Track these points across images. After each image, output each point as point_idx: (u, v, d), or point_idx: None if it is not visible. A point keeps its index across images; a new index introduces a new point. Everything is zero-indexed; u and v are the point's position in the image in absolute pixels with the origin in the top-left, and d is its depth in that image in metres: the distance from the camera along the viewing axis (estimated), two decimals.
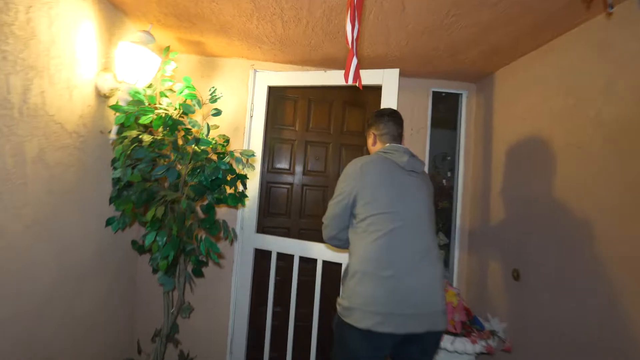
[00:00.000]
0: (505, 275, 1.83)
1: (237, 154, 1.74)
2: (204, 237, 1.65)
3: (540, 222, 1.63)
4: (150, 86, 1.76)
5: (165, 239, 1.44)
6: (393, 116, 1.46)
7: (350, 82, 1.15)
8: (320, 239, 2.00)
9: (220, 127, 2.12)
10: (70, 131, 1.40)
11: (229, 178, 1.75)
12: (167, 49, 1.73)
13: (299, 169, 2.30)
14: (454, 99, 2.36)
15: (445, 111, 2.42)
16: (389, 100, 1.90)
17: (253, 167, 1.73)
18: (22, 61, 1.14)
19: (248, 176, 2.03)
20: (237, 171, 1.71)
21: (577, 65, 1.49)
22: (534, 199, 1.68)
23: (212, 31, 1.76)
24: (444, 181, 2.34)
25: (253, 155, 1.71)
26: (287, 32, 1.72)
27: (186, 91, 1.65)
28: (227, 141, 1.85)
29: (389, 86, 1.91)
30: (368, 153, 2.42)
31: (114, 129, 1.58)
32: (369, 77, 1.92)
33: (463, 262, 2.26)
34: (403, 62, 2.00)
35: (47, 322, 1.34)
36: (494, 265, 1.95)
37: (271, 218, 2.30)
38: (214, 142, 1.80)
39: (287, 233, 2.29)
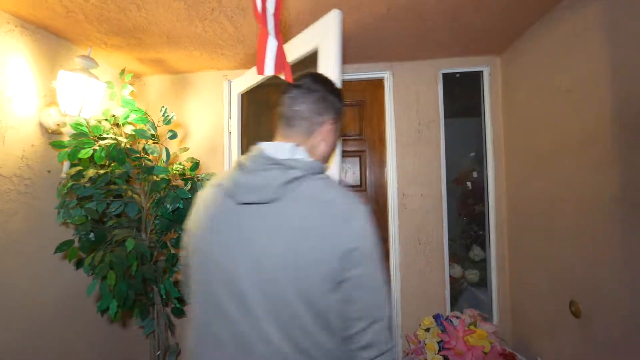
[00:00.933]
0: (560, 308, 1.33)
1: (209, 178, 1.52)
2: (164, 278, 1.44)
3: (611, 235, 1.12)
4: (113, 116, 1.62)
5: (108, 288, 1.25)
6: (291, 85, 0.75)
7: (268, 72, 0.84)
8: None
9: (197, 148, 1.94)
10: (8, 175, 1.29)
11: None
12: (123, 72, 1.58)
13: None
14: (474, 79, 1.89)
15: (463, 96, 1.95)
16: (328, 68, 1.11)
17: None
18: None
19: None
20: None
21: None
22: (603, 203, 1.18)
23: (162, 44, 1.57)
24: (468, 184, 1.87)
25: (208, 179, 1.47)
26: (239, 30, 1.45)
27: (133, 115, 1.47)
28: (197, 165, 1.64)
29: (328, 42, 1.12)
30: (371, 162, 1.96)
31: (64, 166, 1.45)
32: (299, 45, 1.26)
33: (504, 286, 1.76)
34: (394, 44, 1.62)
35: None
36: (544, 293, 1.44)
37: None
38: (179, 167, 1.60)
39: None
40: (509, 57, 1.72)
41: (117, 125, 1.61)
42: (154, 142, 1.50)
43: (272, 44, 0.83)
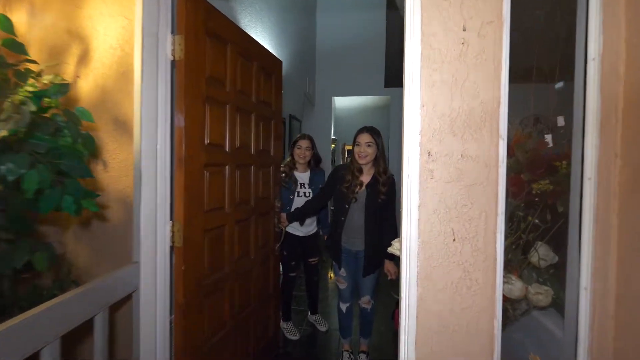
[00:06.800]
0: None
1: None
2: None
3: None
4: None
5: None
6: None
7: None
8: None
9: (97, 68, 1.23)
10: None
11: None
12: None
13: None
14: None
15: None
16: None
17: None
18: None
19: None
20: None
21: None
22: None
23: None
24: (547, 137, 1.07)
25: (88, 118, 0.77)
26: None
27: None
28: (64, 87, 0.95)
29: None
30: None
31: None
32: None
33: (604, 313, 0.97)
34: None
35: None
36: None
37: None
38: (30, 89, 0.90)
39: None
40: None
41: None
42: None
43: None
